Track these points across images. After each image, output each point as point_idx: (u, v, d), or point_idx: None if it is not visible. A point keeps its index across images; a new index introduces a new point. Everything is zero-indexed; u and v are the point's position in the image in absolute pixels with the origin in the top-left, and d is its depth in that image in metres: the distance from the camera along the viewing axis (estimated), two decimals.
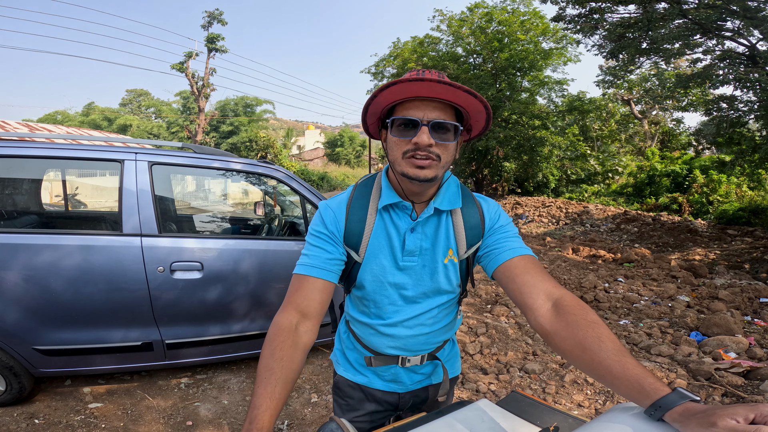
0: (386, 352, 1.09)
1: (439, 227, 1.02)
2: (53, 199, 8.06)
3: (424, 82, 0.84)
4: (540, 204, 14.22)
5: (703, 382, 2.82)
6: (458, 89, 0.85)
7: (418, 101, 0.90)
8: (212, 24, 26.74)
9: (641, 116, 20.09)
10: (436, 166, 0.91)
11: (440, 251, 1.01)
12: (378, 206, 1.00)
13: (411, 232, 0.99)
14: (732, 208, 11.25)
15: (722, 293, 4.77)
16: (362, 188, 1.05)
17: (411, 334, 1.06)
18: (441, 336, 1.12)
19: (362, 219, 1.00)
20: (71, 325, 2.29)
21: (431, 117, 0.89)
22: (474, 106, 0.90)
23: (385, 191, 1.00)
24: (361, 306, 1.09)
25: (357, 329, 1.12)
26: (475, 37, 15.80)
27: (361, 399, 1.16)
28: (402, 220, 1.00)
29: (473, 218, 1.03)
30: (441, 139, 0.90)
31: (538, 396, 2.73)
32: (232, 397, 2.69)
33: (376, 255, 1.00)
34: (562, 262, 6.64)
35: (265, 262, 2.64)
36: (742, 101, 8.29)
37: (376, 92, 0.90)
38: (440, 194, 1.00)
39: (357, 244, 1.00)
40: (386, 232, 1.01)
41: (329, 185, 29.65)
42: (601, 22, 9.68)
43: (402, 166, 0.92)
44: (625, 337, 3.72)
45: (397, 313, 1.04)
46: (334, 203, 1.04)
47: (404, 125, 0.91)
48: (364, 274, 1.02)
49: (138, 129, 33.52)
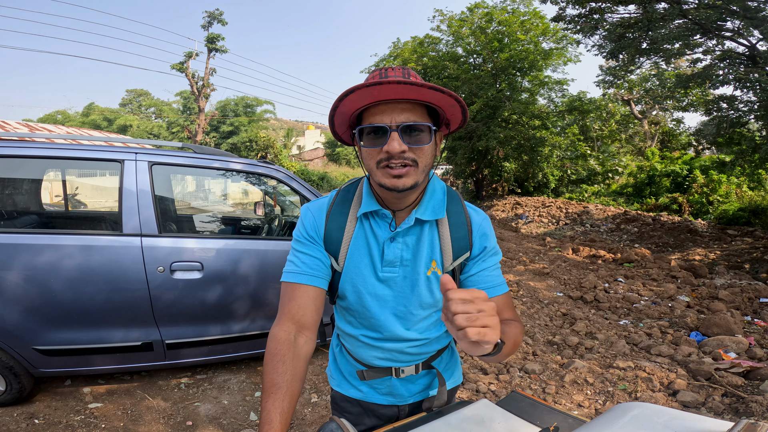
0: (377, 364, 1.04)
1: (421, 237, 0.95)
2: (53, 199, 8.06)
3: (386, 85, 0.77)
4: (540, 204, 14.23)
5: (703, 382, 2.82)
6: (423, 87, 0.77)
7: (383, 105, 0.83)
8: (212, 24, 26.76)
9: (641, 116, 20.09)
10: (414, 173, 0.85)
11: (422, 263, 0.95)
12: (357, 214, 0.95)
13: (390, 242, 0.94)
14: (732, 208, 11.25)
15: (722, 293, 4.77)
16: (344, 194, 1.00)
17: (398, 348, 1.01)
18: (434, 345, 1.05)
19: (341, 226, 0.95)
20: (71, 325, 2.29)
21: (399, 120, 0.82)
22: (445, 101, 0.83)
23: (366, 198, 0.95)
24: (347, 317, 1.04)
25: (346, 342, 1.08)
26: (475, 37, 15.80)
27: (360, 414, 1.12)
28: (382, 228, 0.95)
29: (461, 229, 0.96)
30: (414, 142, 0.83)
31: (538, 396, 2.73)
32: (232, 397, 2.69)
33: (356, 264, 0.96)
34: (562, 262, 6.65)
35: (265, 262, 2.64)
36: (742, 101, 8.29)
37: (337, 102, 0.82)
38: (423, 203, 0.94)
39: (336, 252, 0.96)
40: (366, 241, 0.96)
41: (329, 185, 29.64)
42: (601, 23, 9.69)
43: (378, 176, 0.86)
44: (625, 337, 3.72)
45: (382, 326, 0.98)
46: (314, 207, 1.00)
47: (373, 133, 0.84)
48: (345, 284, 0.97)
49: (138, 129, 33.54)
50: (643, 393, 2.71)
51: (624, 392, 2.73)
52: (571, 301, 4.76)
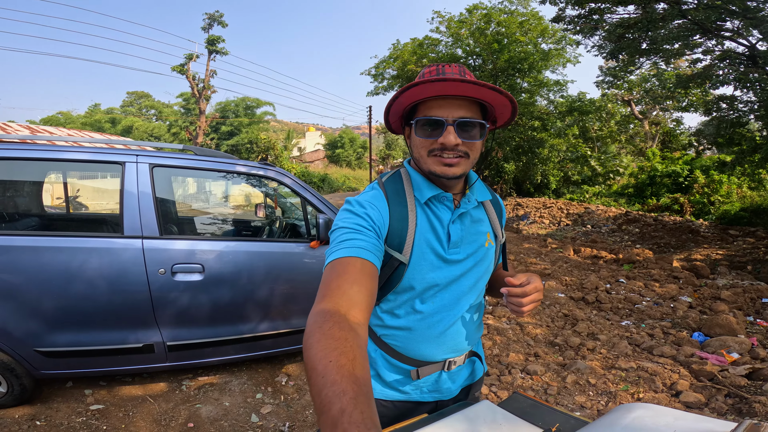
0: (434, 358, 1.01)
1: (476, 216, 1.03)
2: (54, 201, 8.07)
3: (449, 82, 0.82)
4: (541, 205, 14.22)
5: (706, 383, 2.81)
6: (483, 86, 0.83)
7: (441, 99, 0.88)
8: (212, 26, 26.84)
9: (642, 117, 20.09)
10: (464, 164, 0.91)
11: (481, 238, 1.02)
12: (420, 200, 0.96)
13: (453, 224, 0.97)
14: (733, 208, 11.24)
15: (724, 294, 4.76)
16: (392, 185, 0.98)
17: (462, 331, 1.02)
18: (480, 328, 1.11)
19: (404, 216, 0.94)
20: (73, 327, 2.29)
21: (456, 116, 0.87)
22: (499, 100, 0.89)
23: (424, 184, 0.97)
24: (402, 311, 0.99)
25: (396, 341, 1.01)
26: (474, 38, 15.81)
27: (396, 417, 1.04)
28: (443, 212, 0.97)
29: (497, 208, 1.10)
30: (468, 137, 0.88)
31: (539, 397, 2.72)
32: (234, 399, 2.69)
33: (422, 251, 0.94)
34: (564, 263, 6.64)
35: (265, 264, 2.64)
36: (742, 101, 8.30)
37: (398, 93, 0.87)
38: (474, 186, 1.02)
39: (401, 244, 0.92)
40: (430, 225, 0.96)
41: (330, 187, 29.67)
42: (601, 23, 9.69)
43: (429, 164, 0.91)
44: (627, 338, 3.71)
45: (448, 310, 0.99)
46: (371, 199, 0.93)
47: (429, 125, 0.89)
48: (413, 274, 0.94)
49: (138, 131, 33.62)
50: (646, 394, 2.71)
51: (626, 393, 2.72)
52: (573, 302, 4.75)
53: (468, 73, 0.92)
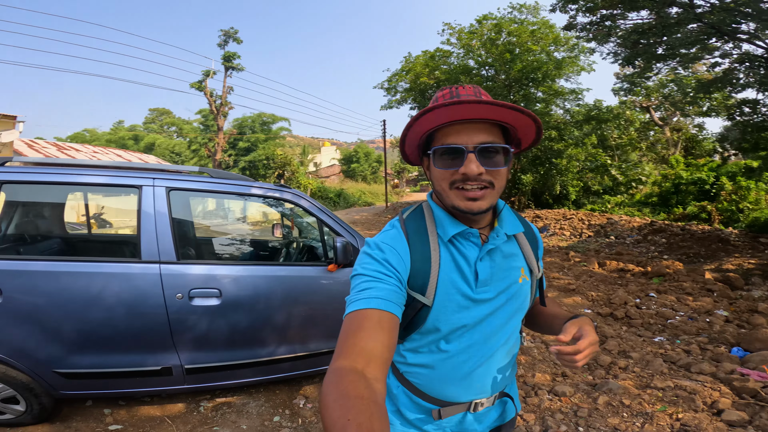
0: (458, 399, 0.94)
1: (507, 252, 0.94)
2: (80, 218, 8.24)
3: (464, 105, 0.75)
4: (561, 216, 13.92)
5: (748, 400, 2.63)
6: (501, 107, 0.75)
7: (458, 125, 0.80)
8: (228, 43, 27.52)
9: (662, 123, 19.66)
10: (490, 195, 0.82)
11: (514, 274, 0.93)
12: (443, 237, 0.89)
13: (481, 261, 0.89)
14: (763, 215, 10.78)
15: (761, 306, 4.52)
16: (414, 222, 0.92)
17: (491, 372, 0.94)
18: (513, 367, 1.02)
19: (426, 256, 0.87)
20: (92, 350, 2.28)
21: (476, 141, 0.79)
22: (522, 121, 0.80)
23: (447, 220, 0.89)
24: (426, 350, 0.94)
25: (418, 379, 0.95)
26: (486, 49, 15.83)
27: None
28: (469, 249, 0.89)
29: (532, 239, 1.01)
30: (491, 164, 0.80)
31: (569, 420, 2.58)
32: (251, 422, 2.63)
33: (447, 292, 0.87)
34: (588, 277, 6.42)
35: (283, 288, 2.61)
36: (765, 105, 8.02)
37: (412, 121, 0.81)
38: (503, 218, 0.93)
39: (424, 286, 0.86)
40: (455, 265, 0.89)
41: (346, 202, 29.78)
42: (614, 29, 9.57)
43: (451, 198, 0.83)
44: (662, 355, 3.52)
45: (476, 350, 0.92)
46: (391, 241, 0.88)
47: (447, 154, 0.81)
48: (438, 315, 0.88)
49: (160, 147, 34.51)
50: (685, 414, 2.53)
51: (664, 414, 2.56)
52: (601, 318, 4.56)
53: (484, 93, 0.85)
